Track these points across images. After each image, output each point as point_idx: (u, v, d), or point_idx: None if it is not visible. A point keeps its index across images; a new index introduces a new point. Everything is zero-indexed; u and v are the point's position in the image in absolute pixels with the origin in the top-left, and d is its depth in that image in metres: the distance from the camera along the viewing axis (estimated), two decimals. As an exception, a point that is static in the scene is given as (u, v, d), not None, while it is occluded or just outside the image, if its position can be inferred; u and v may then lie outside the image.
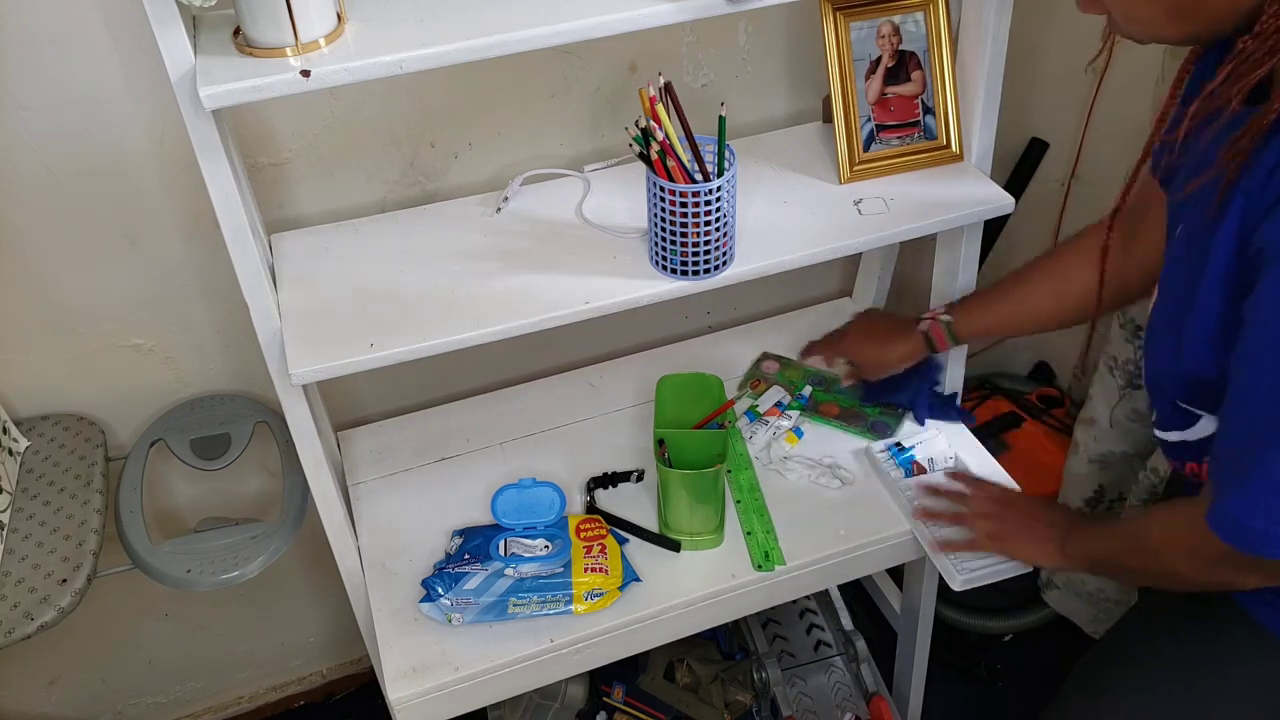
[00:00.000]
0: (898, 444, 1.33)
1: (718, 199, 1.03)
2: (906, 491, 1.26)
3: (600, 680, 1.61)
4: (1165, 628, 1.03)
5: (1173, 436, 0.92)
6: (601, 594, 1.17)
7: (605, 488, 1.32)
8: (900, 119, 1.21)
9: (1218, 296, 0.79)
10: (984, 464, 1.32)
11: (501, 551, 1.20)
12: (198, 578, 1.20)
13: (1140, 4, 0.76)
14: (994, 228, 1.67)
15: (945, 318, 1.25)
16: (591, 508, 1.30)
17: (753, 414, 1.40)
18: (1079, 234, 1.15)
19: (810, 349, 1.47)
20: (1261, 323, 0.74)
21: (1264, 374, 0.74)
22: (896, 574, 1.61)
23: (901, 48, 1.19)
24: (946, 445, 1.33)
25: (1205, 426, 0.88)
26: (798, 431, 1.38)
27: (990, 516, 1.18)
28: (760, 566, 1.21)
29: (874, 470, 1.32)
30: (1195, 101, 0.79)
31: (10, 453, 1.24)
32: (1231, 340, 0.78)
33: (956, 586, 1.18)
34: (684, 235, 1.05)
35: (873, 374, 1.36)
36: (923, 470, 1.29)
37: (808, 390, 1.43)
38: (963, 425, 1.37)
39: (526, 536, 1.22)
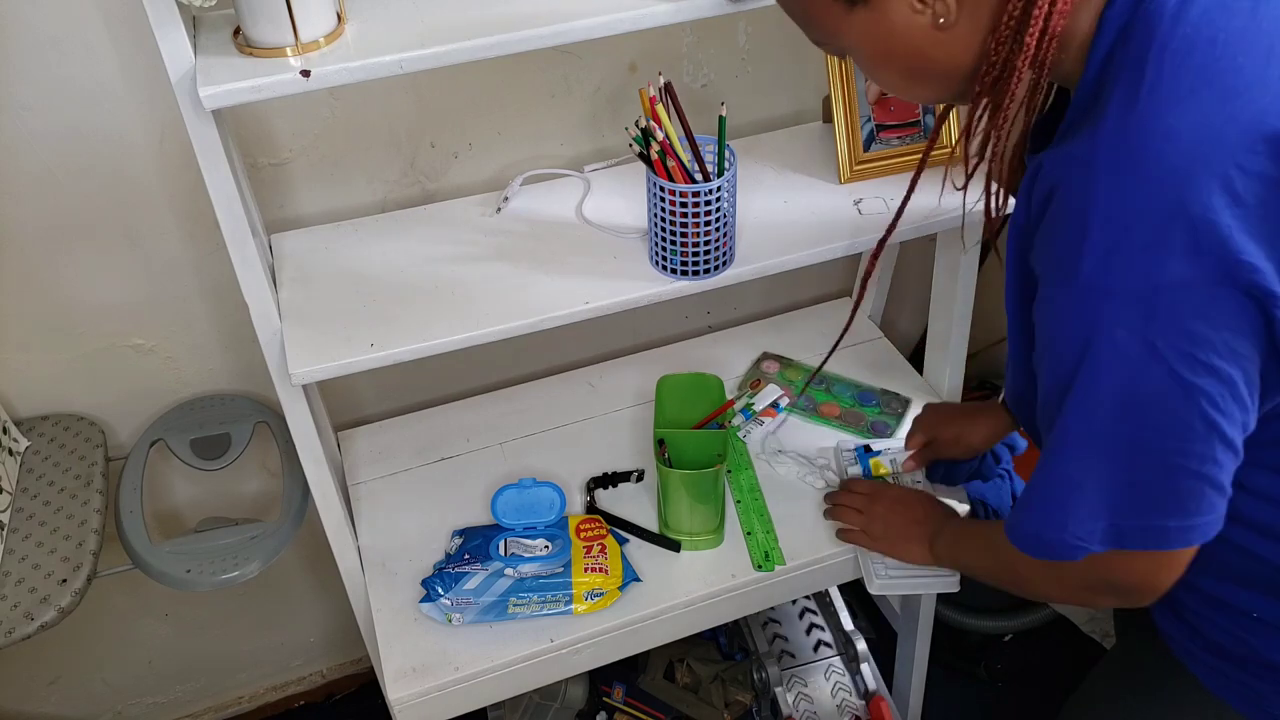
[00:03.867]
0: (865, 446, 1.33)
1: (718, 199, 1.03)
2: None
3: (600, 680, 1.61)
4: (1126, 689, 1.02)
5: None
6: (601, 594, 1.17)
7: (605, 488, 1.32)
8: (900, 119, 1.21)
9: (1016, 324, 0.83)
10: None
11: (501, 551, 1.20)
12: (198, 578, 1.20)
13: (875, 71, 0.79)
14: (994, 228, 1.66)
15: None
16: (591, 508, 1.30)
17: (748, 412, 1.40)
18: None
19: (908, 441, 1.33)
20: (1036, 337, 0.76)
21: (1041, 385, 0.77)
22: (896, 574, 1.61)
23: (901, 48, 1.18)
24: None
25: None
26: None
27: (863, 513, 1.20)
28: (760, 566, 1.21)
29: (834, 467, 1.32)
30: (980, 162, 0.84)
31: (10, 453, 1.24)
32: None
33: (873, 590, 1.19)
34: (684, 235, 1.05)
35: (953, 453, 1.26)
36: (882, 474, 1.29)
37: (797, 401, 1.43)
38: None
39: (526, 536, 1.22)
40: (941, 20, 0.72)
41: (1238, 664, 0.87)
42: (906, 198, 0.98)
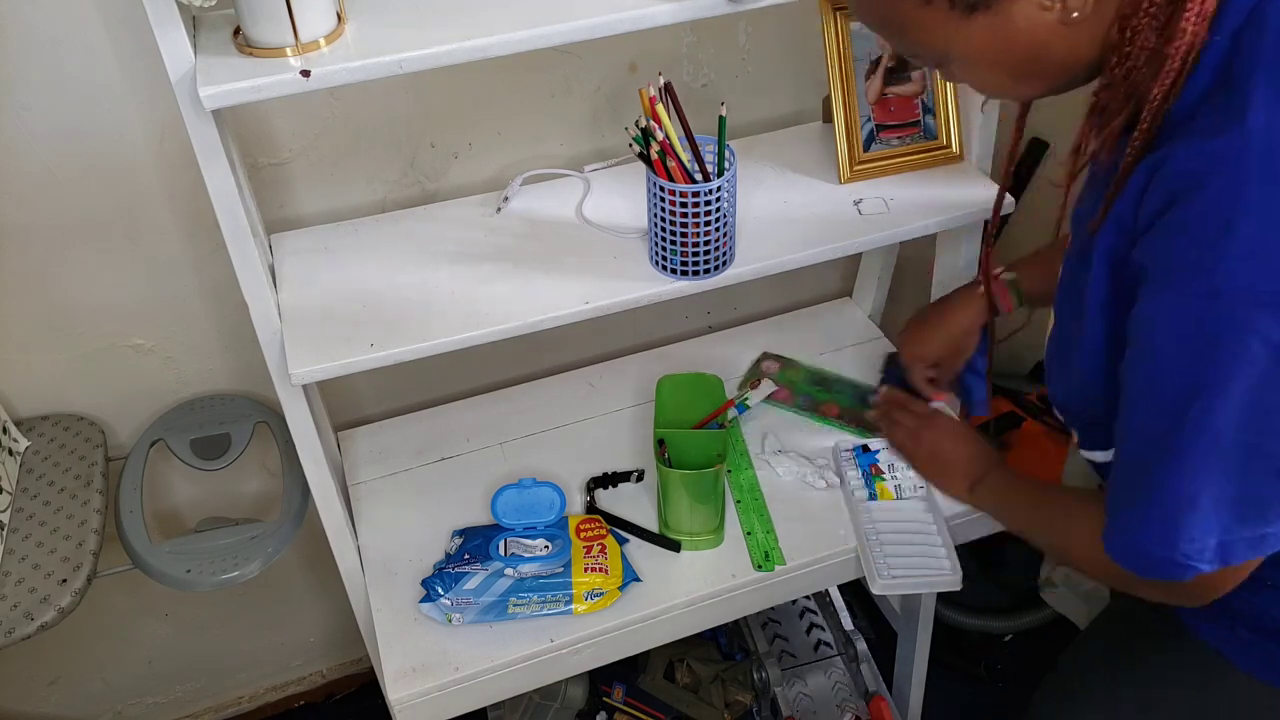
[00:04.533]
0: (864, 446, 1.33)
1: (718, 199, 1.03)
2: (856, 493, 1.27)
3: (600, 680, 1.61)
4: (1123, 652, 1.03)
5: (1098, 457, 0.90)
6: (601, 594, 1.17)
7: (605, 488, 1.32)
8: (900, 119, 1.21)
9: (1100, 323, 0.79)
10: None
11: (501, 551, 1.20)
12: (198, 578, 1.20)
13: (984, 75, 0.77)
14: (994, 228, 1.66)
15: (1009, 275, 1.16)
16: (591, 508, 1.30)
17: (742, 406, 1.40)
18: None
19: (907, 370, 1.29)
20: (1141, 341, 0.73)
21: (1144, 392, 0.74)
22: (896, 574, 1.61)
23: (901, 48, 1.18)
24: None
25: None
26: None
27: (913, 435, 1.21)
28: (760, 566, 1.21)
29: (834, 467, 1.32)
30: (1070, 160, 0.83)
31: (10, 453, 1.24)
32: (1117, 363, 0.78)
33: (876, 590, 1.18)
34: (684, 235, 1.05)
35: (955, 364, 1.22)
36: (880, 473, 1.29)
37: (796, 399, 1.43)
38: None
39: (526, 536, 1.22)
40: (1075, 14, 0.69)
41: (1252, 629, 0.88)
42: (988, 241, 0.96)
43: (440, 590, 1.16)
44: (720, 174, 1.04)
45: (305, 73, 0.84)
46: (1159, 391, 0.72)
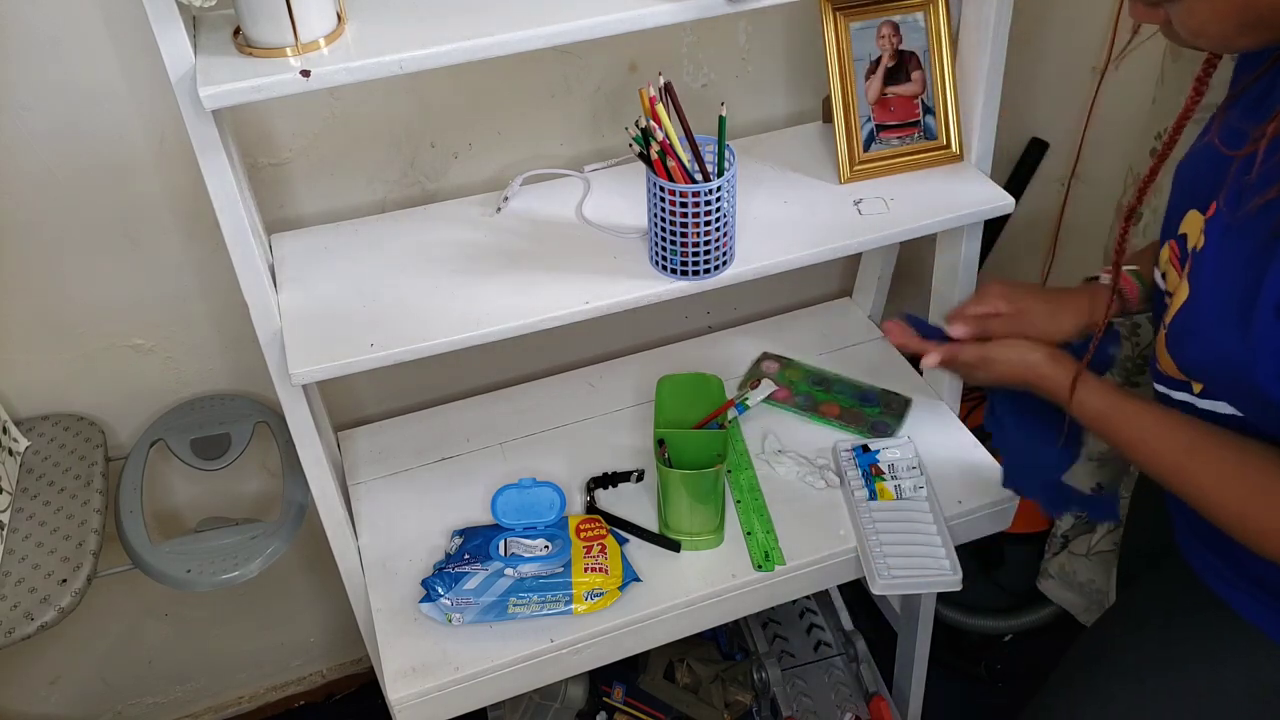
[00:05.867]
0: (864, 446, 1.33)
1: (718, 199, 1.03)
2: (856, 493, 1.27)
3: (600, 680, 1.61)
4: (1153, 626, 1.03)
5: (1222, 408, 0.87)
6: (601, 594, 1.17)
7: (605, 488, 1.32)
8: (900, 119, 1.21)
9: (1273, 326, 0.76)
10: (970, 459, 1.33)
11: (501, 551, 1.20)
12: (198, 578, 1.20)
13: (1210, 21, 0.74)
14: (994, 228, 1.67)
15: (1131, 267, 1.06)
16: (591, 508, 1.30)
17: (742, 406, 1.40)
18: None
19: (952, 318, 1.14)
20: None
21: None
22: (896, 574, 1.61)
23: (901, 48, 1.19)
24: (912, 454, 1.32)
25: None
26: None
27: (982, 363, 1.07)
28: (760, 566, 1.21)
29: (834, 467, 1.32)
30: (1271, 123, 0.77)
31: (10, 453, 1.24)
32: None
33: (876, 590, 1.18)
34: (684, 235, 1.05)
35: (1033, 330, 1.07)
36: (880, 473, 1.29)
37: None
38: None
39: (526, 536, 1.22)
40: None
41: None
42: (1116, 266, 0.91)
43: (440, 590, 1.16)
44: (720, 174, 1.04)
45: (305, 73, 0.84)
46: None
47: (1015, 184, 1.66)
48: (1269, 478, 0.84)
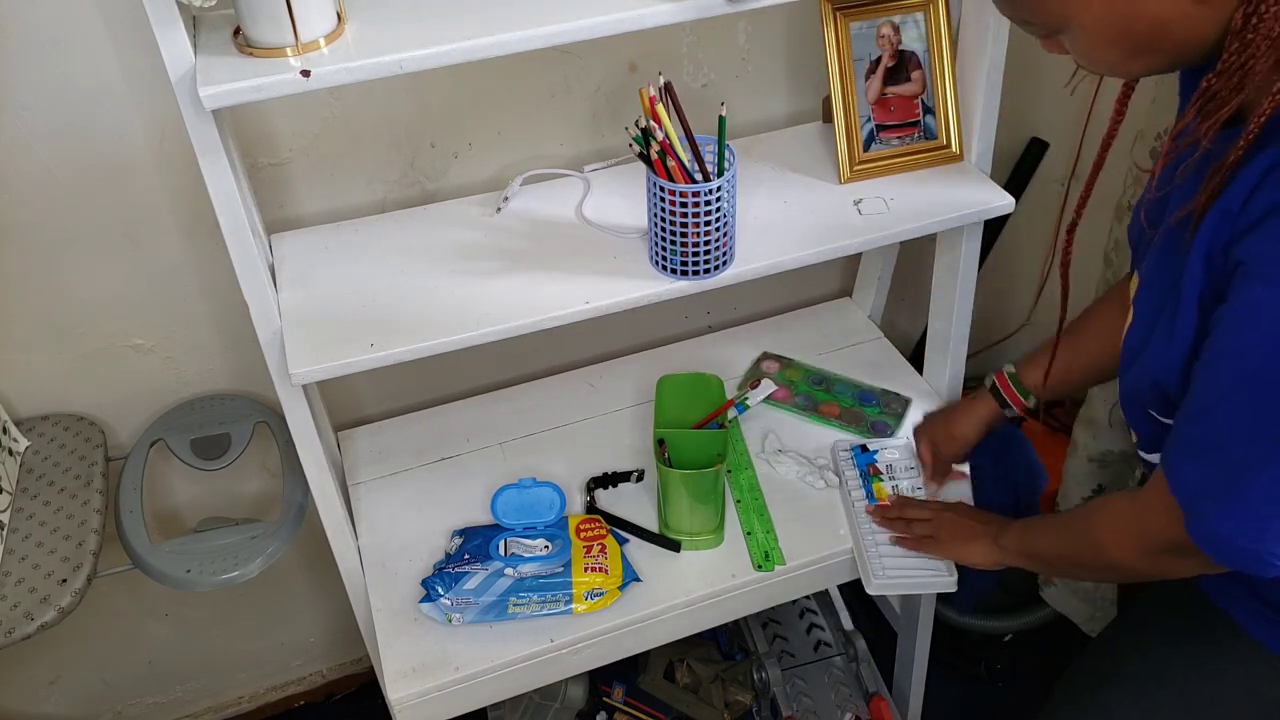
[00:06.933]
0: (862, 445, 1.33)
1: (718, 199, 1.03)
2: (853, 493, 1.27)
3: (600, 680, 1.61)
4: (1157, 640, 1.03)
5: (1156, 458, 0.91)
6: (601, 594, 1.17)
7: (605, 488, 1.32)
8: (900, 119, 1.21)
9: (1194, 313, 0.80)
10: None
11: (501, 551, 1.20)
12: (198, 578, 1.20)
13: (1099, 48, 0.76)
14: (994, 228, 1.66)
15: (1009, 369, 1.24)
16: (591, 508, 1.30)
17: (742, 406, 1.40)
18: (1120, 280, 1.13)
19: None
20: (1235, 335, 0.74)
21: (1236, 388, 0.75)
22: (896, 574, 1.61)
23: (901, 48, 1.19)
24: (910, 454, 1.32)
25: None
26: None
27: (926, 522, 1.21)
28: (760, 566, 1.21)
29: (833, 466, 1.32)
30: (1165, 142, 0.80)
31: (10, 453, 1.24)
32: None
33: (872, 590, 1.19)
34: (684, 235, 1.05)
35: (951, 450, 1.29)
36: (878, 473, 1.29)
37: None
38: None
39: (526, 536, 1.22)
40: None
41: None
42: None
43: (440, 590, 1.16)
44: (720, 174, 1.04)
45: (305, 73, 0.84)
46: (1255, 389, 0.73)
47: (1015, 184, 1.66)
48: (1091, 524, 0.95)
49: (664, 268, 1.09)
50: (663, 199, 1.04)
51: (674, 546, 1.23)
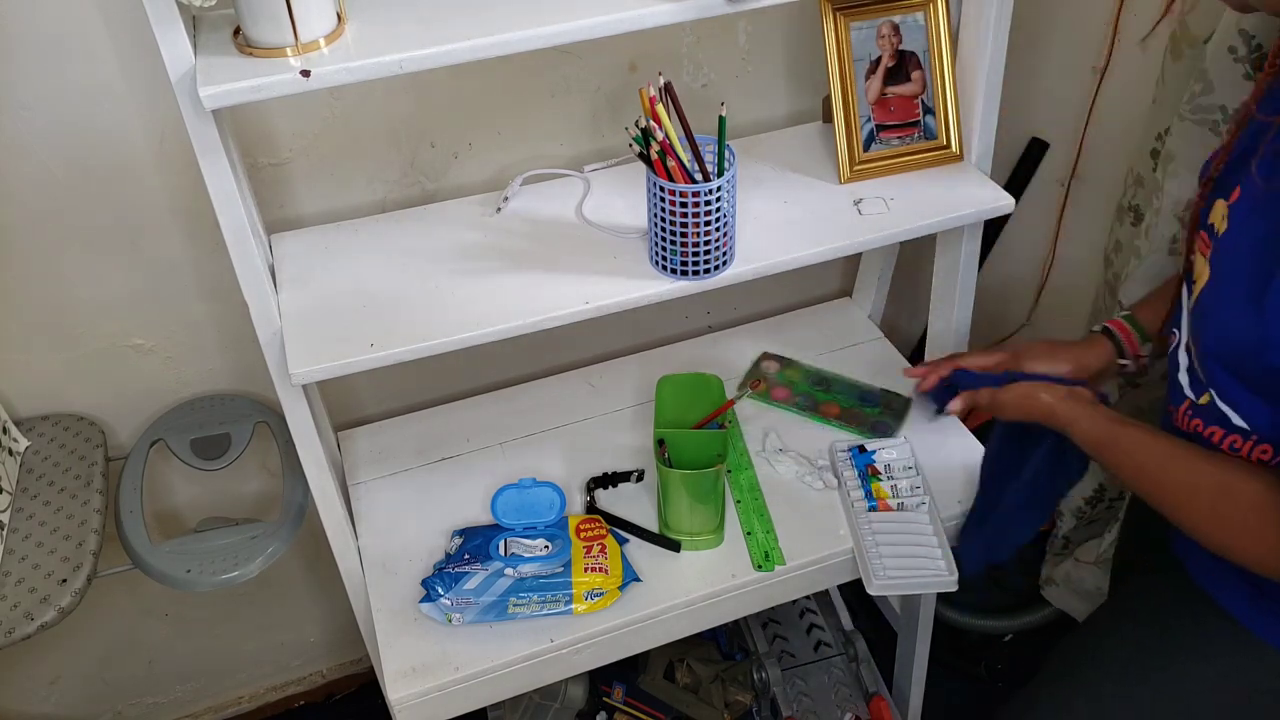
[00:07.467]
0: (860, 446, 1.33)
1: (718, 199, 1.03)
2: (852, 494, 1.27)
3: (600, 680, 1.61)
4: (1143, 623, 1.03)
5: (1234, 417, 0.88)
6: (601, 594, 1.17)
7: (605, 488, 1.32)
8: (900, 119, 1.21)
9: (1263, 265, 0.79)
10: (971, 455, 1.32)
11: (501, 551, 1.20)
12: (198, 578, 1.20)
13: None
14: (994, 228, 1.67)
15: (1125, 313, 1.15)
16: (591, 508, 1.30)
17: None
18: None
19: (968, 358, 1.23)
20: None
21: None
22: (896, 574, 1.61)
23: (901, 48, 1.19)
24: (909, 455, 1.32)
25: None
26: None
27: (1000, 393, 1.13)
28: (760, 566, 1.21)
29: (831, 467, 1.32)
30: (1244, 108, 0.79)
31: (10, 453, 1.24)
32: None
33: (872, 591, 1.18)
34: (684, 235, 1.05)
35: (1063, 369, 1.14)
36: (877, 474, 1.29)
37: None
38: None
39: (526, 536, 1.22)
40: None
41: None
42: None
43: (440, 590, 1.16)
44: (720, 174, 1.04)
45: (305, 73, 0.84)
46: None
47: (1015, 184, 1.66)
48: (1236, 502, 0.88)
49: (664, 268, 1.09)
50: (663, 199, 1.04)
51: (674, 546, 1.23)
